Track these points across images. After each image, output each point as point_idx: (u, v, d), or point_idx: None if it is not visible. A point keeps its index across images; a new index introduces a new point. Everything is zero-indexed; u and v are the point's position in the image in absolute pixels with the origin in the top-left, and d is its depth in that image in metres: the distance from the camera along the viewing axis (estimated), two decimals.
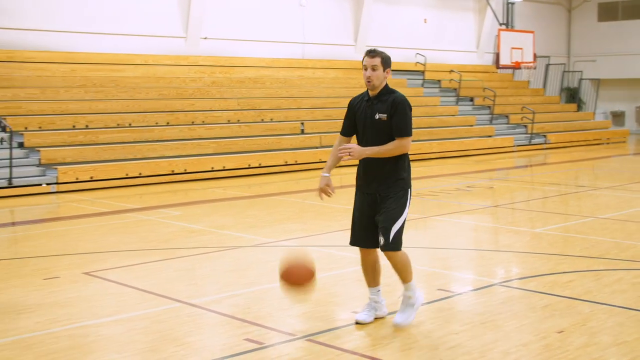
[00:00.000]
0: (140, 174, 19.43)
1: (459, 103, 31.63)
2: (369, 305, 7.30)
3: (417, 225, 13.09)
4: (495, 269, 9.87)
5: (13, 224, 14.73)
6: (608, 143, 33.35)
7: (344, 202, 7.74)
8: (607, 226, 12.75)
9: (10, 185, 17.63)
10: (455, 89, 32.14)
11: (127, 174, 19.24)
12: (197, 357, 6.51)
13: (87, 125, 20.58)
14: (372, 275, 7.31)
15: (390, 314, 7.33)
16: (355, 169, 7.29)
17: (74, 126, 20.37)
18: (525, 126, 31.41)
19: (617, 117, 39.72)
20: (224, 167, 20.86)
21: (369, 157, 6.95)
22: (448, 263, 10.20)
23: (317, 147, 23.36)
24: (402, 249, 7.06)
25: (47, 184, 18.10)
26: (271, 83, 26.40)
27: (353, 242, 7.31)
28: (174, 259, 10.53)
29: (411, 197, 7.12)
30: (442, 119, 29.17)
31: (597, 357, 6.31)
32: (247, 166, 21.34)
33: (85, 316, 7.82)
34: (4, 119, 19.47)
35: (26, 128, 19.57)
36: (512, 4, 33.93)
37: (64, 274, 9.68)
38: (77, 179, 18.45)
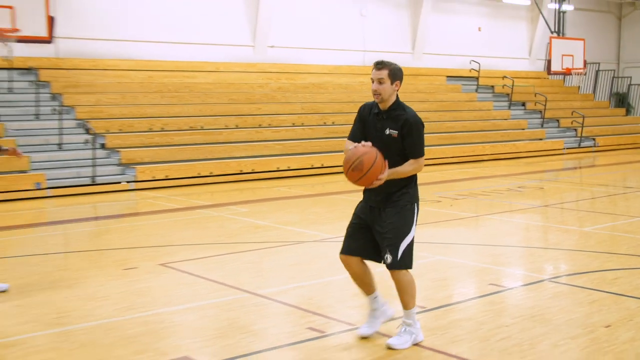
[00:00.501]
0: (211, 173, 19.61)
1: (511, 107, 31.24)
2: (370, 315, 6.61)
3: (469, 223, 13.01)
4: (544, 266, 9.76)
5: (95, 218, 14.95)
6: None
7: None
8: None
9: (94, 183, 17.93)
10: (507, 94, 31.76)
11: (198, 173, 19.43)
12: (263, 343, 6.55)
13: (162, 128, 20.83)
14: (366, 282, 6.55)
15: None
16: None
17: (150, 129, 20.64)
18: (575, 130, 30.89)
19: None
20: (288, 167, 20.94)
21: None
22: (499, 259, 10.11)
23: None
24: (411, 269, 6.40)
25: (127, 182, 18.36)
26: (333, 89, 26.42)
27: (345, 252, 6.49)
28: (242, 252, 10.60)
29: (418, 212, 6.45)
30: (495, 122, 28.85)
31: None
32: (310, 166, 21.39)
33: (160, 304, 7.92)
34: (88, 122, 19.81)
35: (108, 130, 19.88)
36: (564, 12, 33.41)
37: (141, 265, 9.82)
38: (153, 177, 18.70)
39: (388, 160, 6.07)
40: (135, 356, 6.26)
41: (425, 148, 6.42)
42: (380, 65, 6.20)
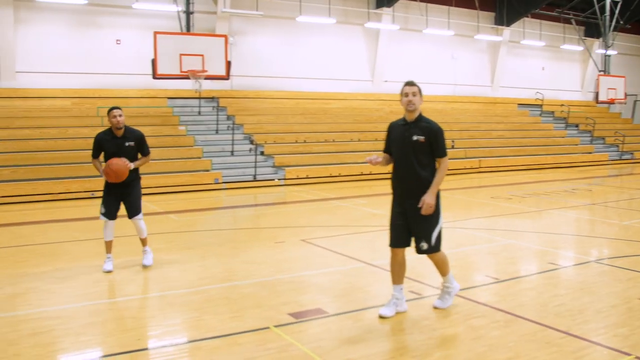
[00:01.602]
0: (339, 174, 19.67)
1: (568, 128, 30.09)
2: (391, 302, 6.09)
3: (533, 216, 12.55)
4: (591, 250, 9.29)
5: (255, 205, 15.23)
6: None
7: (480, 197, 7.44)
8: None
9: (255, 180, 18.29)
10: (565, 118, 30.64)
11: (330, 174, 19.52)
12: (375, 301, 6.50)
13: (305, 140, 21.05)
14: (398, 273, 6.13)
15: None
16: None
17: (296, 140, 20.89)
18: (617, 146, 29.51)
19: None
20: None
21: (436, 187, 5.89)
22: (556, 244, 9.70)
23: (463, 158, 22.85)
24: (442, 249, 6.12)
25: (278, 180, 18.64)
26: (431, 112, 25.98)
27: (392, 244, 6.12)
28: (361, 233, 10.59)
29: (441, 204, 6.01)
30: (554, 139, 27.82)
31: None
32: None
33: (301, 269, 7.98)
34: (252, 135, 20.23)
35: (265, 142, 20.25)
36: (609, 56, 32.10)
37: (288, 240, 9.92)
38: (297, 176, 18.90)
39: (414, 159, 5.89)
40: (283, 306, 6.32)
41: (501, 159, 6.32)
42: (412, 83, 6.03)
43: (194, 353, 5.14)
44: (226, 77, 19.75)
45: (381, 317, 5.97)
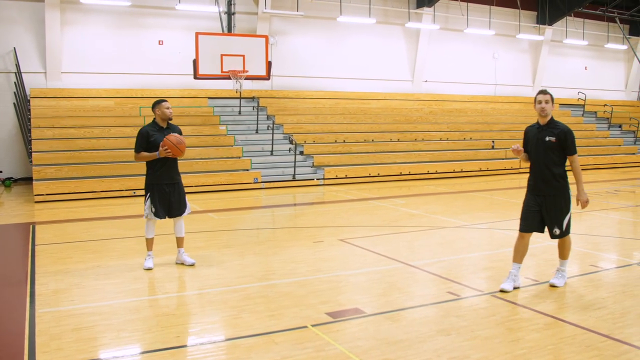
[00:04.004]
0: (378, 174, 19.60)
1: (610, 129, 29.42)
2: (510, 277, 6.85)
3: (575, 217, 12.28)
4: (634, 253, 9.06)
5: (294, 204, 15.27)
6: None
7: (519, 198, 7.28)
8: None
9: (294, 179, 18.34)
10: (607, 118, 29.96)
11: (369, 174, 19.47)
12: (413, 301, 6.45)
13: (344, 140, 21.03)
14: (521, 254, 6.89)
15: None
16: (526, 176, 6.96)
17: (336, 140, 20.88)
18: None
19: None
20: (436, 171, 20.60)
21: (581, 185, 6.82)
22: (598, 246, 9.49)
23: (503, 159, 22.55)
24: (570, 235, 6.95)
25: (317, 179, 18.66)
26: (472, 113, 25.86)
27: (523, 229, 6.87)
28: (400, 233, 10.52)
29: (570, 194, 6.84)
30: (597, 140, 27.27)
31: None
32: (452, 171, 20.95)
33: (339, 268, 7.97)
34: (292, 135, 20.29)
35: (305, 142, 20.29)
36: None
37: (327, 239, 9.91)
38: (336, 176, 18.89)
39: (547, 157, 6.72)
40: (321, 305, 6.31)
41: None
42: (545, 91, 6.79)
43: (232, 351, 5.17)
44: (266, 77, 19.85)
45: (502, 291, 6.72)
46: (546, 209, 6.78)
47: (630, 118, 30.23)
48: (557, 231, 6.77)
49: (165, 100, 8.02)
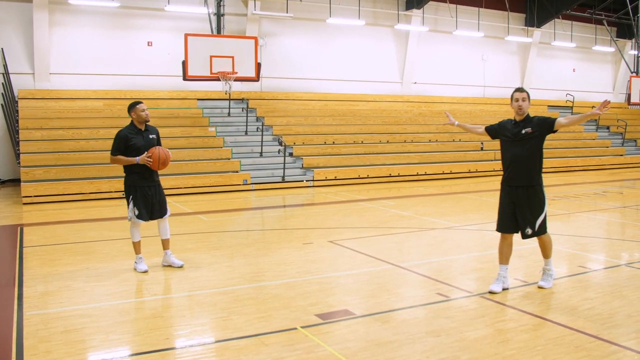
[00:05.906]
0: (367, 175, 19.63)
1: (598, 130, 29.67)
2: (498, 279, 6.85)
3: (563, 218, 12.37)
4: (622, 254, 9.12)
5: (284, 206, 15.25)
6: None
7: None
8: None
9: (283, 181, 18.34)
10: (596, 120, 30.19)
11: (359, 176, 19.49)
12: (403, 303, 6.46)
13: (333, 142, 21.04)
14: (506, 255, 6.89)
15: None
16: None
17: (325, 142, 20.89)
18: None
19: None
20: (425, 172, 20.66)
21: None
22: (586, 247, 9.55)
23: (492, 160, 22.64)
24: (549, 233, 6.91)
25: (307, 181, 18.66)
26: (460, 114, 25.84)
27: (499, 229, 6.89)
28: (389, 234, 10.53)
29: (545, 196, 6.86)
30: (585, 141, 27.44)
31: None
32: (441, 172, 21.03)
33: (329, 270, 7.96)
34: (281, 137, 20.28)
35: (294, 143, 20.29)
36: None
37: (316, 241, 9.91)
38: (326, 178, 18.91)
39: (524, 149, 6.69)
40: (311, 307, 6.31)
41: None
42: (522, 89, 6.80)
43: (222, 353, 5.16)
44: (256, 79, 19.84)
45: (491, 292, 6.73)
46: (519, 205, 6.73)
47: (617, 120, 30.50)
48: (529, 231, 6.72)
49: (141, 102, 7.99)
